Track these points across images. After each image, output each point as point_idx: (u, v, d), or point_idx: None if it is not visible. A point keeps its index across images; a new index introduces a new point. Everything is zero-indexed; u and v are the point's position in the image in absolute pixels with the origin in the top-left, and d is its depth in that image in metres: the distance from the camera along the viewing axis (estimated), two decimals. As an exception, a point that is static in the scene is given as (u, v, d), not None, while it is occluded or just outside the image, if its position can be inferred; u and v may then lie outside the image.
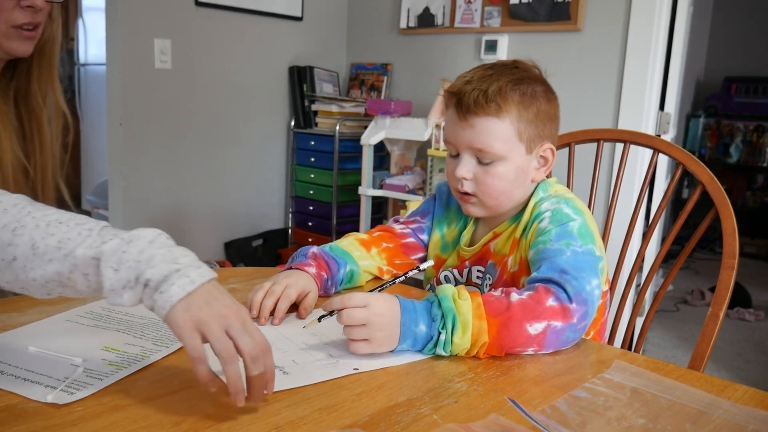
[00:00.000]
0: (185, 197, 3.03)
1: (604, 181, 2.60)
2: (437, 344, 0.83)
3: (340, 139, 3.13)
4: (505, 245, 1.06)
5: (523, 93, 0.99)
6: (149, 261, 0.66)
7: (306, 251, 1.06)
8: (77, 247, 0.67)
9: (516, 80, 0.99)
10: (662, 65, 2.58)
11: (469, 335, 0.82)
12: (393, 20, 3.32)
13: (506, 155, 0.99)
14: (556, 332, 0.85)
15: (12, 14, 1.00)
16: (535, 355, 0.86)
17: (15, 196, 0.73)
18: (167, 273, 0.66)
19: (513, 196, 1.03)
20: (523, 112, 0.99)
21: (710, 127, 4.90)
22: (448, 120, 1.03)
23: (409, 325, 0.83)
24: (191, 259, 0.69)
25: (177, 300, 0.65)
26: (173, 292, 0.65)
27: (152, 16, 2.75)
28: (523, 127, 0.99)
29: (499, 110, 0.97)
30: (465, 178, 1.01)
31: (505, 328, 0.83)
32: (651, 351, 2.87)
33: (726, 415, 0.71)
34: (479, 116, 0.98)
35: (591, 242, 0.96)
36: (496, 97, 0.97)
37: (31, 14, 1.02)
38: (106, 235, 0.68)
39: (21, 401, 0.67)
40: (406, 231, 1.18)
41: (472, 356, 0.84)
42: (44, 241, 0.68)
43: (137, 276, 0.66)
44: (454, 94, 1.00)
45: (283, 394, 0.72)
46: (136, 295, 0.67)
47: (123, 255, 0.66)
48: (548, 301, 0.86)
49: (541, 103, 1.01)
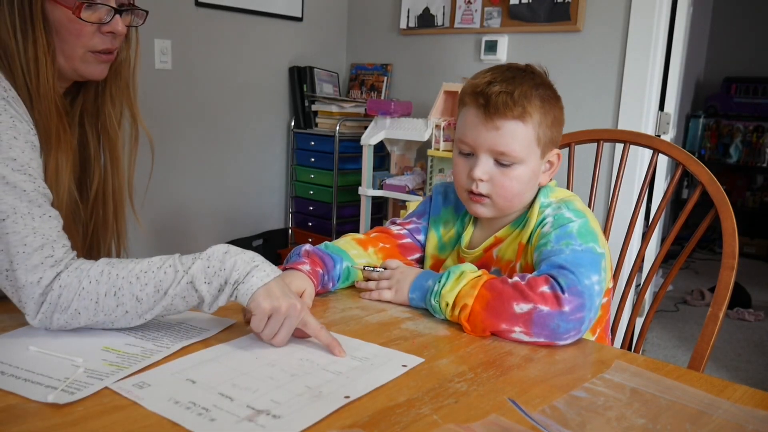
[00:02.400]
0: (185, 197, 3.02)
1: (604, 181, 2.60)
2: (432, 293, 0.96)
3: (340, 139, 3.13)
4: (508, 250, 1.06)
5: (543, 98, 1.00)
6: (233, 266, 0.84)
7: (299, 250, 1.06)
8: (171, 284, 0.83)
9: (536, 85, 1.00)
10: (662, 65, 2.58)
11: (456, 292, 0.93)
12: (393, 20, 3.32)
13: (525, 159, 1.00)
14: (543, 316, 0.87)
15: (92, 40, 0.97)
16: (535, 355, 0.86)
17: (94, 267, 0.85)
18: (249, 269, 0.84)
19: (523, 198, 1.04)
20: (543, 118, 1.00)
21: (710, 128, 4.90)
22: (469, 120, 1.02)
23: (420, 280, 1.01)
24: (263, 258, 0.87)
25: (257, 288, 0.83)
26: (253, 282, 0.83)
27: (152, 16, 2.71)
28: (542, 132, 1.00)
29: (524, 114, 0.98)
30: (482, 180, 1.01)
31: (492, 301, 0.91)
32: (651, 351, 2.87)
33: (726, 415, 0.71)
34: (506, 119, 0.98)
35: (592, 240, 0.96)
36: (522, 100, 0.97)
37: (111, 40, 0.99)
38: (186, 263, 0.84)
39: (21, 401, 0.67)
40: (402, 232, 1.18)
41: (456, 321, 0.94)
42: (143, 292, 0.83)
43: (226, 280, 0.84)
44: (480, 94, 0.99)
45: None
46: (228, 295, 0.84)
47: (208, 270, 0.84)
48: (541, 287, 0.89)
49: (555, 110, 1.02)
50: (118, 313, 0.84)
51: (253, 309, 0.83)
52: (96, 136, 1.09)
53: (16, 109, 0.88)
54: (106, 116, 1.08)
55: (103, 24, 0.97)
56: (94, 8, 0.95)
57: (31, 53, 0.92)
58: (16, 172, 0.84)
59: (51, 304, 0.83)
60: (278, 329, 0.84)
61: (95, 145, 1.09)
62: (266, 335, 0.84)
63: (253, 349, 0.84)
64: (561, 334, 0.88)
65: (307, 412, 0.68)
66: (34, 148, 0.90)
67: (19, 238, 0.82)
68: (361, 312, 1.00)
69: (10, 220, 0.82)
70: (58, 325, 0.84)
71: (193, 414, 0.66)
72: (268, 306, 0.83)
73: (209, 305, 0.85)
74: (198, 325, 0.91)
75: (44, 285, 0.83)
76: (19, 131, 0.87)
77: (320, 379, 0.76)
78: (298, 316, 0.84)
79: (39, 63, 0.92)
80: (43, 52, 0.93)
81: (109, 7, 0.97)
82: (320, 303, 1.03)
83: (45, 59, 0.93)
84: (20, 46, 0.92)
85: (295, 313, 0.84)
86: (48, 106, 0.94)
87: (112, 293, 0.83)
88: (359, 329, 0.93)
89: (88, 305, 0.83)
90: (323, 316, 0.98)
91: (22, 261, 0.82)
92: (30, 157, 0.87)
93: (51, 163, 0.95)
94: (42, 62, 0.93)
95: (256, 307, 0.83)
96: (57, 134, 0.95)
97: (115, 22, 0.98)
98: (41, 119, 0.93)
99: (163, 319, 0.92)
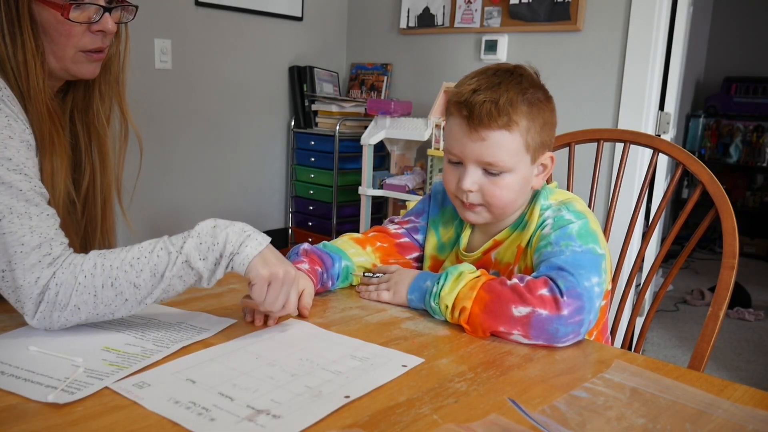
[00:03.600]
0: (185, 197, 3.03)
1: (604, 181, 2.60)
2: (431, 295, 0.96)
3: (340, 139, 3.13)
4: (506, 253, 1.06)
5: (531, 103, 0.97)
6: (225, 239, 0.85)
7: (297, 249, 1.07)
8: (167, 266, 0.84)
9: (523, 90, 0.97)
10: (662, 65, 2.58)
11: (455, 294, 0.93)
12: (393, 20, 3.32)
13: (514, 167, 0.99)
14: (541, 320, 0.87)
15: (81, 40, 0.95)
16: (535, 355, 0.86)
17: (86, 261, 0.85)
18: (242, 240, 0.85)
19: (517, 204, 1.04)
20: (531, 124, 0.98)
21: (710, 127, 4.90)
22: (455, 130, 1.00)
23: (418, 281, 1.01)
24: (252, 228, 0.88)
25: (252, 257, 0.85)
26: (248, 252, 0.85)
27: (152, 16, 2.75)
28: (530, 138, 0.98)
29: (509, 123, 0.96)
30: (471, 191, 1.00)
31: (491, 303, 0.90)
32: (651, 351, 2.87)
33: (726, 415, 0.71)
34: (491, 129, 0.96)
35: (592, 242, 0.96)
36: (507, 109, 0.95)
37: (101, 38, 0.98)
38: (177, 243, 0.85)
39: (21, 401, 0.67)
40: (400, 231, 1.18)
41: (456, 323, 0.93)
42: (140, 278, 0.84)
43: (221, 253, 0.85)
44: (464, 104, 0.97)
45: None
46: (224, 267, 0.85)
47: (201, 246, 0.85)
48: (540, 290, 0.89)
49: (545, 113, 1.00)
50: (118, 302, 0.84)
51: (252, 278, 0.85)
52: (86, 133, 1.08)
53: (11, 108, 0.88)
54: (95, 112, 1.07)
55: (92, 23, 0.95)
56: (83, 8, 0.94)
57: (20, 56, 0.91)
58: (12, 172, 0.84)
59: (49, 303, 0.83)
60: (279, 296, 0.87)
61: (86, 142, 1.08)
62: (268, 302, 0.86)
63: (253, 349, 0.84)
64: (559, 338, 0.88)
65: (307, 412, 0.67)
66: (30, 147, 0.89)
67: (17, 237, 0.82)
68: (361, 312, 1.00)
69: (6, 220, 0.82)
70: (60, 323, 0.84)
71: (193, 414, 0.66)
72: (267, 272, 0.85)
73: (207, 280, 0.86)
74: (198, 325, 0.91)
75: (42, 285, 0.82)
76: (14, 130, 0.87)
77: (320, 379, 0.76)
78: (292, 281, 0.88)
79: (28, 66, 0.91)
80: (32, 55, 0.92)
81: (98, 5, 0.95)
82: (320, 303, 1.03)
83: (34, 62, 0.92)
84: (9, 50, 0.91)
85: (290, 279, 0.87)
86: (39, 108, 0.93)
87: (109, 284, 0.83)
88: (359, 329, 0.93)
89: (87, 299, 0.83)
90: (323, 315, 0.98)
91: (20, 261, 0.82)
92: (26, 156, 0.87)
93: (46, 166, 0.94)
94: (31, 65, 0.92)
95: (256, 275, 0.85)
96: (51, 137, 0.94)
97: (105, 20, 0.96)
98: (34, 121, 0.93)
99: (163, 318, 0.92)
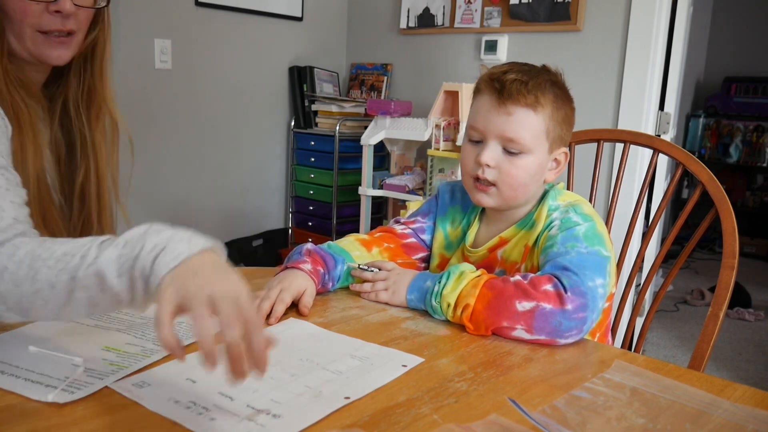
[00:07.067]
0: (185, 197, 3.02)
1: (604, 181, 2.60)
2: (432, 294, 0.95)
3: (340, 139, 3.13)
4: (513, 252, 1.06)
5: (556, 95, 1.02)
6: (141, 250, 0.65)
7: (300, 249, 1.06)
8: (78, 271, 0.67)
9: (551, 81, 1.02)
10: (662, 65, 2.58)
11: (457, 293, 0.93)
12: (393, 20, 3.32)
13: (533, 149, 1.01)
14: (545, 314, 0.87)
15: (39, 19, 0.94)
16: (535, 355, 0.86)
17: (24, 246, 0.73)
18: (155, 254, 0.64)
19: (528, 191, 1.05)
20: (555, 112, 1.01)
21: (710, 127, 4.90)
22: (480, 106, 1.03)
23: (418, 281, 1.01)
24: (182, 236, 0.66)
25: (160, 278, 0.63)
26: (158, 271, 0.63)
27: (152, 16, 2.75)
28: (552, 126, 1.02)
29: (536, 103, 0.99)
30: (489, 165, 1.01)
31: (494, 299, 0.91)
32: (651, 351, 2.87)
33: (726, 415, 0.71)
34: (519, 105, 0.99)
35: (598, 244, 0.97)
36: (536, 90, 0.99)
37: (61, 20, 0.96)
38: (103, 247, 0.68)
39: (21, 401, 0.67)
40: (407, 231, 1.18)
41: (457, 322, 0.94)
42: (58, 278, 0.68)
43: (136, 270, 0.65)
44: (496, 80, 1.00)
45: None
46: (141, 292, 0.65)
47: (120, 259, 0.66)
48: (545, 286, 0.90)
49: (567, 109, 1.04)
50: (38, 301, 0.70)
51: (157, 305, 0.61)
52: (78, 125, 1.07)
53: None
54: (84, 103, 1.06)
55: (50, 2, 0.94)
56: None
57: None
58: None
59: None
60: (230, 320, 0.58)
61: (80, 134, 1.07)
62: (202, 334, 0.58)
63: None
64: (563, 332, 0.88)
65: (307, 411, 0.67)
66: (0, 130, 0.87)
67: None
68: (361, 311, 1.00)
69: None
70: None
71: (193, 413, 0.66)
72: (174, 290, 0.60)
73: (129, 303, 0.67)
74: (198, 325, 0.91)
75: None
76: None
77: (320, 379, 0.76)
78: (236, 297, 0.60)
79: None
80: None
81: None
82: (320, 302, 1.03)
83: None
84: None
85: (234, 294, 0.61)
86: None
87: (30, 277, 0.70)
88: (359, 329, 0.93)
89: (11, 290, 0.71)
90: (323, 315, 0.98)
91: None
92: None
93: (14, 143, 0.91)
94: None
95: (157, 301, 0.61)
96: (16, 115, 0.93)
97: (62, 1, 0.95)
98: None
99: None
